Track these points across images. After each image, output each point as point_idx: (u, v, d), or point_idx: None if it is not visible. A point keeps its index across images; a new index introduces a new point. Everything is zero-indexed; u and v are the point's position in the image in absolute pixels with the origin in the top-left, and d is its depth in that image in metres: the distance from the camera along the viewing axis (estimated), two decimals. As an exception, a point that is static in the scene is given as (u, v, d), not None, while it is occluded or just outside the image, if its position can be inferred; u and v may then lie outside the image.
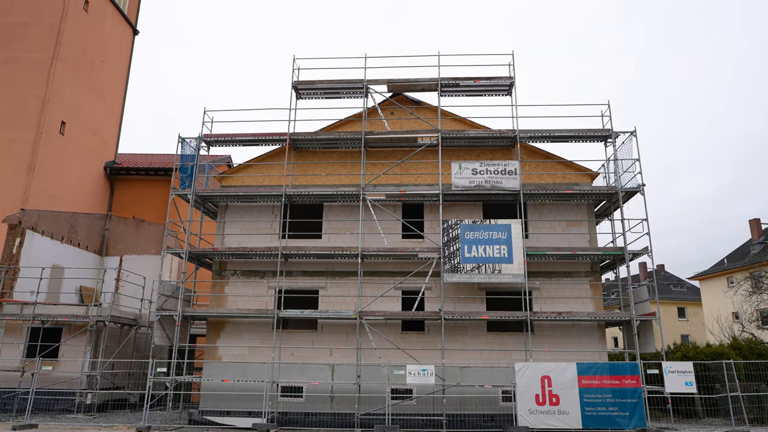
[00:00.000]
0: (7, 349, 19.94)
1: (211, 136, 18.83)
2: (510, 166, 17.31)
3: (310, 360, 17.09)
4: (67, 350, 19.92)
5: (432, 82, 18.68)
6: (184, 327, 17.81)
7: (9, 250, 20.97)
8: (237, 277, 18.20)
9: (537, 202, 18.15)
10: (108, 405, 20.36)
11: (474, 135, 18.00)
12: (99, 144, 27.32)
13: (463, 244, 16.80)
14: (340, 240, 18.15)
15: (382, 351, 16.83)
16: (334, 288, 17.79)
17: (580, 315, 16.20)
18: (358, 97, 19.38)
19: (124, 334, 21.67)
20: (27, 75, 23.65)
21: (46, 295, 21.65)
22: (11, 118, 23.05)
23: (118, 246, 26.05)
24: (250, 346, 17.39)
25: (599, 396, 14.49)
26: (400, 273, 17.63)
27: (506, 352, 16.72)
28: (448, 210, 18.20)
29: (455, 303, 17.30)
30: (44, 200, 23.02)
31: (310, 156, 19.15)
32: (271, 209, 18.74)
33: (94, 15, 27.00)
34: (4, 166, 22.37)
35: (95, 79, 27.03)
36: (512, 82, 18.65)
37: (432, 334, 17.12)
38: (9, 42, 24.15)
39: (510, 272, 16.46)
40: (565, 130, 18.02)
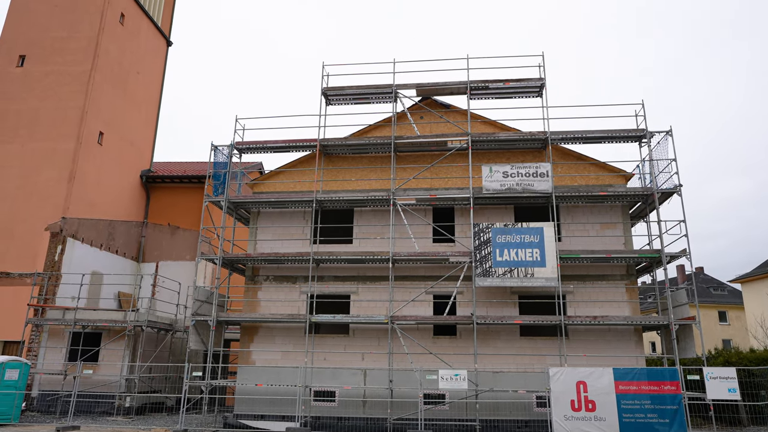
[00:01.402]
0: (50, 353, 20.60)
1: (242, 143, 19.14)
2: (541, 169, 17.09)
3: (343, 365, 17.16)
4: (107, 354, 20.46)
5: (461, 86, 18.60)
6: (219, 332, 18.10)
7: (51, 257, 21.69)
8: (269, 282, 18.42)
9: (570, 204, 17.87)
10: (146, 408, 20.82)
11: (504, 138, 17.84)
12: (135, 153, 28.08)
13: (495, 248, 16.64)
14: (370, 245, 18.20)
15: (414, 356, 16.78)
16: (366, 293, 17.83)
17: (616, 319, 15.86)
18: (387, 102, 19.44)
19: (160, 339, 22.15)
20: (67, 87, 24.49)
21: (86, 301, 22.32)
22: (53, 129, 23.89)
23: (154, 252, 26.68)
24: (283, 350, 17.56)
25: (637, 402, 14.13)
26: (432, 277, 17.58)
27: (540, 357, 16.48)
28: (479, 213, 18.08)
29: (487, 307, 17.14)
30: (84, 208, 23.75)
31: (340, 161, 19.28)
32: (303, 215, 18.93)
33: (129, 28, 27.81)
34: (46, 175, 23.18)
35: (131, 89, 27.81)
36: (543, 83, 18.44)
37: (464, 338, 16.99)
38: (50, 56, 25.06)
39: (543, 276, 16.24)
40: (597, 131, 17.71)
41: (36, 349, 20.55)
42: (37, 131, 23.92)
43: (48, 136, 23.80)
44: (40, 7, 25.98)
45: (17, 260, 22.02)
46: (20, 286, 21.62)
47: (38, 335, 20.76)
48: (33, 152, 23.62)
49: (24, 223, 22.53)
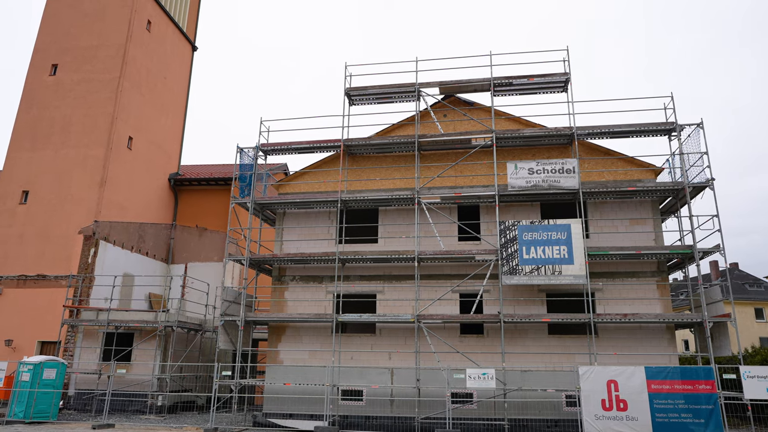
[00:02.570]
0: (85, 353, 21.15)
1: (267, 145, 19.35)
2: (568, 165, 16.85)
3: (369, 364, 17.20)
4: (139, 354, 20.91)
5: (484, 82, 18.47)
6: (247, 331, 18.33)
7: (85, 259, 22.26)
8: (296, 282, 18.57)
9: (597, 200, 17.58)
10: (177, 407, 21.20)
11: (529, 134, 17.65)
12: (163, 157, 28.63)
13: (521, 246, 16.48)
14: (396, 244, 18.20)
15: (440, 354, 16.73)
16: (392, 292, 17.85)
17: (647, 317, 15.55)
18: (410, 100, 19.41)
19: (190, 339, 22.54)
20: (97, 94, 25.10)
21: (118, 302, 22.84)
22: (84, 135, 24.52)
23: (183, 254, 27.15)
24: (310, 350, 17.69)
25: (671, 402, 13.82)
26: (458, 276, 17.49)
27: (569, 356, 16.26)
28: (504, 211, 17.92)
29: (515, 305, 16.99)
30: (115, 212, 24.32)
31: (364, 161, 19.33)
32: (328, 215, 19.03)
33: (156, 34, 28.35)
34: (79, 181, 23.80)
35: (158, 94, 28.35)
36: (568, 78, 18.18)
37: (491, 337, 16.87)
38: (81, 65, 25.72)
39: (571, 273, 16.01)
40: (625, 125, 17.37)
41: (72, 349, 21.12)
42: (70, 138, 24.58)
43: (80, 142, 24.44)
44: (71, 17, 26.68)
45: (53, 263, 22.68)
46: (56, 288, 22.26)
47: (74, 336, 21.32)
48: (66, 158, 24.28)
49: (59, 227, 23.18)
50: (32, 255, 22.99)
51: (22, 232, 23.44)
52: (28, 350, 21.71)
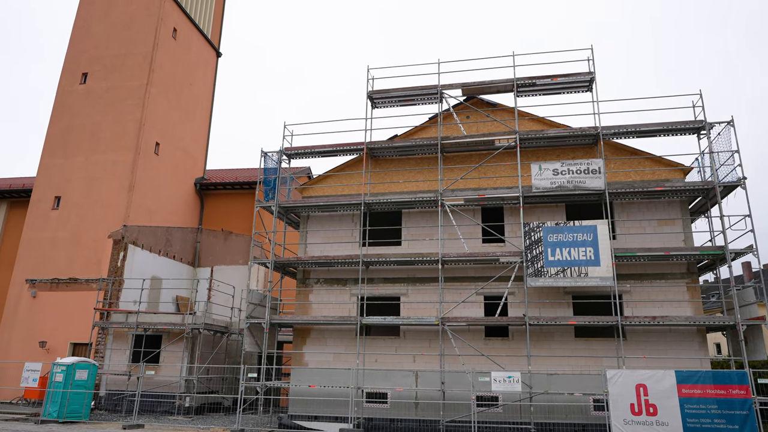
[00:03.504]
0: (115, 354, 21.60)
1: (291, 149, 19.52)
2: (593, 165, 16.63)
3: (394, 366, 17.20)
4: (167, 356, 21.27)
5: (507, 83, 18.35)
6: (272, 334, 18.50)
7: (114, 263, 22.75)
8: (320, 285, 18.68)
9: (624, 201, 17.30)
10: (204, 408, 21.50)
11: (553, 134, 17.46)
12: (189, 161, 29.11)
13: (547, 247, 16.30)
14: (419, 246, 18.18)
15: (465, 357, 16.64)
16: (416, 294, 17.82)
17: (677, 319, 15.22)
18: (432, 102, 19.40)
19: (216, 341, 22.84)
20: (125, 101, 25.67)
21: (147, 305, 23.28)
22: (113, 141, 25.09)
23: (209, 257, 27.56)
24: (335, 352, 17.76)
25: (703, 407, 13.49)
26: (482, 278, 17.39)
27: (596, 359, 16.01)
28: (529, 212, 17.76)
29: (540, 308, 16.81)
30: (143, 216, 24.81)
31: (387, 164, 19.37)
32: (351, 218, 19.11)
33: (181, 41, 28.88)
34: (108, 186, 24.36)
35: (184, 100, 28.86)
36: (592, 77, 17.95)
37: (516, 340, 16.71)
38: (110, 73, 26.34)
39: (597, 275, 15.78)
40: (652, 124, 17.07)
41: (102, 350, 21.59)
42: (99, 144, 25.17)
43: (109, 148, 25.01)
44: (100, 27, 27.36)
45: (84, 266, 23.23)
46: (87, 291, 22.80)
47: (104, 338, 21.80)
48: (96, 164, 24.87)
49: (89, 232, 23.75)
50: (64, 259, 23.59)
51: (54, 237, 24.07)
52: (61, 352, 22.27)
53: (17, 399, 21.75)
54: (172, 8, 28.15)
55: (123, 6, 27.49)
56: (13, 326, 23.21)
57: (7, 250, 28.51)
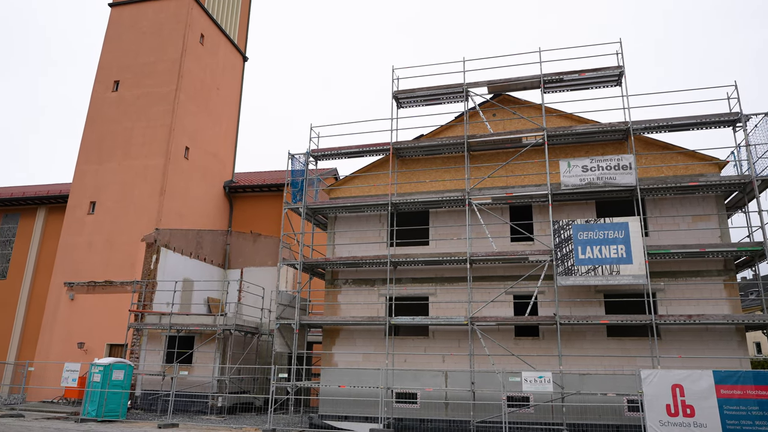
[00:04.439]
0: (150, 355, 22.09)
1: (318, 150, 19.66)
2: (624, 161, 16.30)
3: (423, 366, 17.17)
4: (200, 356, 21.65)
5: (534, 80, 18.13)
6: (302, 334, 18.66)
7: (147, 266, 23.28)
8: (348, 285, 18.77)
9: (656, 197, 16.92)
10: (236, 408, 21.81)
11: (582, 130, 17.18)
12: (218, 165, 29.59)
13: (577, 245, 16.06)
14: (447, 246, 18.11)
15: (495, 357, 16.50)
16: (444, 294, 17.76)
17: (713, 318, 14.81)
18: (458, 101, 19.30)
19: (247, 342, 23.15)
20: (156, 107, 26.23)
21: (179, 306, 23.75)
22: (144, 147, 25.66)
23: (239, 259, 27.95)
24: (364, 352, 17.82)
25: (743, 408, 13.09)
26: (511, 277, 17.22)
27: (630, 359, 15.70)
28: (558, 210, 17.52)
29: (571, 307, 16.56)
30: (174, 219, 25.31)
31: (413, 163, 19.35)
32: (378, 218, 19.15)
33: (209, 47, 29.37)
34: (140, 191, 24.93)
35: (212, 105, 29.34)
36: (621, 71, 17.60)
37: (547, 339, 16.50)
38: (141, 80, 26.95)
39: (630, 273, 15.46)
40: (685, 117, 16.64)
41: (137, 351, 22.10)
42: (131, 150, 25.78)
43: (140, 154, 25.59)
44: (130, 36, 28.02)
45: (119, 269, 23.83)
46: (122, 293, 23.38)
47: (139, 339, 22.32)
48: (128, 169, 25.48)
49: (123, 235, 24.34)
50: (100, 262, 24.24)
51: (90, 241, 24.74)
52: (98, 352, 22.89)
53: (58, 398, 22.43)
54: (200, 15, 28.65)
55: (152, 14, 28.10)
56: (53, 328, 23.95)
57: (46, 255, 29.42)
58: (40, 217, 30.33)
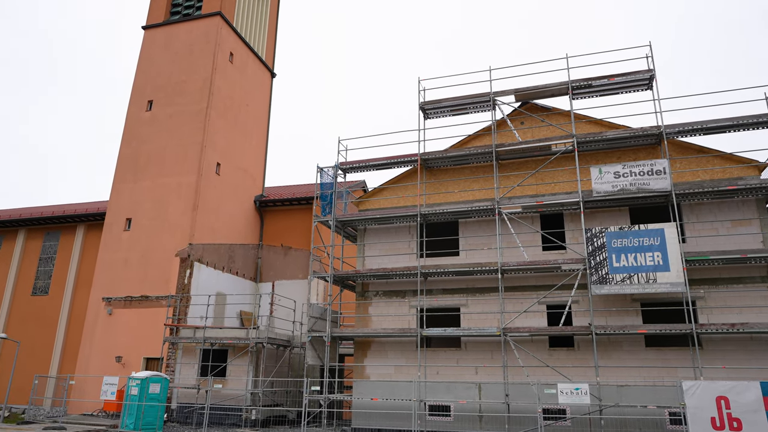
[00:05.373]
0: (185, 368, 22.42)
1: (346, 163, 19.80)
2: (657, 166, 15.94)
3: (456, 378, 16.98)
4: (233, 369, 21.88)
5: (562, 86, 17.94)
6: (333, 347, 18.69)
7: (182, 280, 23.72)
8: (379, 297, 18.75)
9: (693, 201, 16.47)
10: (270, 420, 21.92)
11: (613, 136, 16.89)
12: (248, 180, 30.06)
13: (611, 253, 15.72)
14: (478, 256, 17.96)
15: (529, 369, 16.22)
16: (476, 305, 17.58)
17: (758, 326, 14.26)
18: (485, 110, 19.22)
19: (279, 355, 23.30)
20: (188, 125, 26.86)
21: (212, 320, 24.09)
22: (177, 164, 26.27)
23: (270, 272, 28.25)
24: (396, 364, 17.74)
25: (793, 420, 12.52)
26: (544, 287, 16.95)
27: (670, 369, 15.21)
28: (590, 218, 17.21)
29: (606, 316, 16.18)
30: (206, 234, 25.77)
31: (441, 174, 19.30)
32: (408, 229, 19.12)
33: (238, 65, 29.99)
34: (174, 207, 25.48)
35: (242, 121, 29.90)
36: (652, 75, 17.27)
37: (582, 350, 16.14)
38: (173, 98, 27.67)
39: (667, 281, 15.04)
40: (720, 120, 16.20)
41: (173, 365, 22.47)
42: (165, 167, 26.42)
43: (173, 171, 26.20)
44: (163, 56, 28.84)
45: (154, 284, 24.34)
46: (157, 307, 23.85)
47: (174, 352, 22.69)
48: (162, 186, 26.10)
49: (158, 251, 24.88)
50: (136, 277, 24.80)
51: (127, 257, 25.37)
52: (135, 366, 23.35)
53: (97, 411, 22.94)
54: (228, 34, 29.32)
55: (183, 35, 28.88)
56: (92, 342, 24.56)
57: (85, 271, 30.27)
58: (79, 235, 31.27)
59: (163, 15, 29.81)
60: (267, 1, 34.24)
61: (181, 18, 29.31)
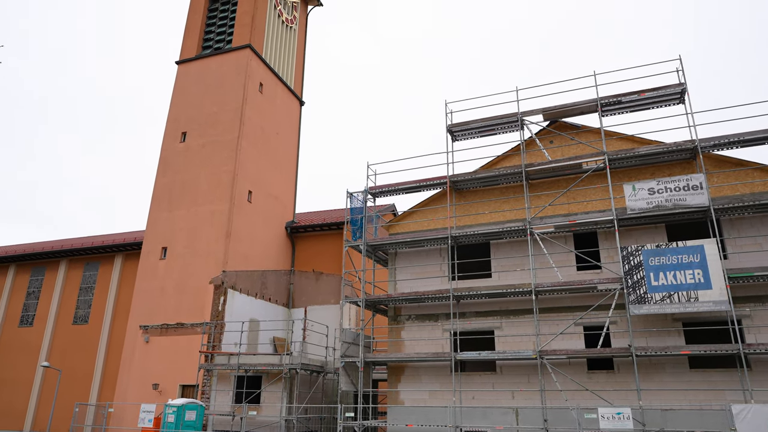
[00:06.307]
0: (220, 395, 22.54)
1: (375, 187, 19.92)
2: (693, 181, 15.55)
3: (492, 403, 16.62)
4: (267, 396, 21.89)
5: (591, 104, 17.78)
6: (367, 372, 18.56)
7: (216, 307, 24.03)
8: (412, 321, 18.61)
9: (733, 216, 15.96)
10: (305, 448, 21.77)
11: (645, 152, 16.59)
12: (279, 207, 30.48)
13: (648, 272, 15.30)
14: (510, 277, 17.71)
15: (567, 392, 15.77)
16: (510, 327, 17.27)
17: (810, 345, 13.59)
18: (513, 130, 19.15)
19: (313, 381, 23.23)
20: (220, 155, 27.52)
21: (246, 347, 24.24)
22: (210, 193, 26.86)
23: (302, 298, 28.39)
24: (430, 390, 17.48)
25: None
26: (579, 308, 16.56)
27: (717, 392, 14.57)
28: (625, 236, 16.82)
29: (647, 337, 15.67)
30: (239, 261, 26.12)
31: (471, 195, 19.22)
32: (439, 252, 19.03)
33: (267, 94, 30.72)
34: (207, 235, 25.98)
35: (272, 149, 30.48)
36: (684, 88, 16.98)
37: (623, 372, 15.63)
38: (206, 129, 28.45)
39: (710, 299, 14.52)
40: (757, 131, 15.76)
41: (208, 391, 22.62)
42: (198, 196, 27.04)
43: (207, 200, 26.78)
44: (195, 89, 29.79)
45: (189, 311, 24.71)
46: (193, 334, 24.16)
47: (209, 379, 22.86)
48: (196, 215, 26.67)
49: (192, 278, 25.32)
50: (172, 305, 25.24)
51: (163, 285, 25.88)
52: (172, 393, 23.59)
53: (135, 439, 23.19)
54: (258, 65, 30.12)
55: (215, 68, 29.81)
56: (130, 370, 24.97)
57: (123, 299, 30.99)
58: (117, 264, 32.11)
59: (195, 50, 30.87)
60: (294, 31, 35.15)
61: (212, 52, 30.30)
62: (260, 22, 30.76)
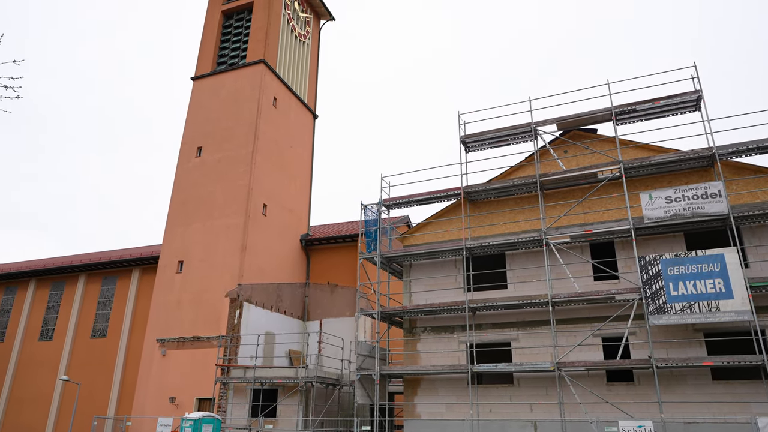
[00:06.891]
0: (236, 408, 22.54)
1: (389, 199, 19.94)
2: (712, 189, 15.34)
3: (510, 416, 16.41)
4: (283, 409, 21.84)
5: (605, 113, 17.68)
6: (383, 385, 18.46)
7: (231, 320, 24.11)
8: (427, 333, 18.51)
9: (754, 224, 15.70)
10: (321, 462, 21.65)
11: (662, 160, 16.42)
12: (294, 220, 30.63)
13: (667, 281, 15.07)
14: (526, 288, 17.56)
15: (587, 405, 15.52)
16: (527, 339, 17.09)
17: (837, 356, 13.26)
18: (527, 140, 19.10)
19: (329, 394, 23.15)
20: (235, 169, 27.78)
21: (262, 360, 24.27)
22: (225, 207, 27.09)
23: (317, 310, 28.39)
24: (447, 402, 17.32)
25: None
26: (597, 318, 16.35)
27: (742, 405, 14.25)
28: (642, 245, 16.62)
29: (667, 348, 15.40)
30: (254, 274, 26.24)
31: (485, 206, 19.16)
32: (454, 263, 18.95)
33: (281, 109, 31.03)
34: (223, 248, 26.16)
35: (286, 163, 30.71)
36: (699, 95, 16.82)
37: (643, 384, 15.36)
38: (221, 144, 28.77)
39: (731, 309, 14.25)
40: (777, 139, 15.54)
41: (224, 405, 22.64)
42: (214, 210, 27.28)
43: (222, 214, 27.01)
44: (211, 104, 30.19)
45: (205, 325, 24.83)
46: (209, 348, 24.25)
47: (225, 392, 22.89)
48: (212, 229, 26.90)
49: (208, 292, 25.47)
50: (188, 319, 25.39)
51: (179, 299, 26.06)
52: (188, 406, 23.66)
53: (152, 453, 23.24)
54: (272, 80, 30.47)
55: (230, 83, 30.21)
56: (148, 383, 25.11)
57: (140, 313, 31.26)
58: (134, 278, 32.44)
59: (210, 65, 31.33)
60: (307, 46, 35.53)
61: (227, 67, 30.73)
62: (274, 37, 31.16)
